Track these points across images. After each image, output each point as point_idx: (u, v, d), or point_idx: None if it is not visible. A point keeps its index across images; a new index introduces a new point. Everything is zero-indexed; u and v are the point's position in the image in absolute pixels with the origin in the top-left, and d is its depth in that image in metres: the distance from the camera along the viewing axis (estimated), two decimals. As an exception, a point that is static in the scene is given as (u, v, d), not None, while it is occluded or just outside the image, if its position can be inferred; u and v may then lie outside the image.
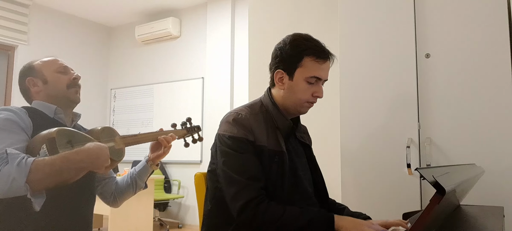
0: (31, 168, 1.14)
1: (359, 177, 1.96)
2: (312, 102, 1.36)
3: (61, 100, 1.48)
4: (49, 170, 1.16)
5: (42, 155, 1.21)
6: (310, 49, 1.31)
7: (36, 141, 1.27)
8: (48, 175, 1.16)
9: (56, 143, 1.22)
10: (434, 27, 1.85)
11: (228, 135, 1.28)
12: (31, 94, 1.48)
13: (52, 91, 1.47)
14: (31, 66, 1.49)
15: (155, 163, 1.65)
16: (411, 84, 1.86)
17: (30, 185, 1.13)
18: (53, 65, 1.50)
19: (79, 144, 1.28)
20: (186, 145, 1.78)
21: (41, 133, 1.28)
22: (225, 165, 1.26)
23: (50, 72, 1.48)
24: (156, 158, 1.63)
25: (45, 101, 1.45)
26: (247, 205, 1.20)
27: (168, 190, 5.71)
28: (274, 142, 1.30)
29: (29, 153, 1.24)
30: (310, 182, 1.43)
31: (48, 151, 1.21)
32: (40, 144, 1.24)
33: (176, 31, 5.95)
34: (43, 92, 1.46)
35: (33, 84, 1.47)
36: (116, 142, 1.44)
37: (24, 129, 1.30)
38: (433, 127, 1.81)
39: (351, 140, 1.99)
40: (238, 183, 1.22)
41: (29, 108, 1.40)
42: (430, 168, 1.33)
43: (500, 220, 1.26)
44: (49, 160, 1.18)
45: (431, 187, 0.94)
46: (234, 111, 1.33)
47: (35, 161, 1.16)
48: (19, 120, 1.31)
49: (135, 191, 1.66)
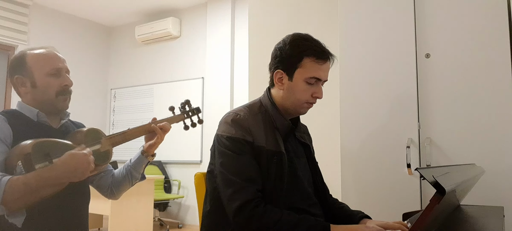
0: (6, 188, 1.10)
1: (359, 177, 1.96)
2: (311, 103, 1.35)
3: (48, 107, 1.40)
4: (24, 190, 1.12)
5: (18, 171, 1.16)
6: (310, 50, 1.30)
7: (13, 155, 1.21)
8: (23, 194, 1.12)
9: (31, 158, 1.16)
10: (434, 27, 1.85)
11: (226, 135, 1.27)
12: (20, 93, 1.40)
13: (39, 96, 1.38)
14: (22, 62, 1.39)
15: (150, 153, 1.57)
16: (411, 84, 1.86)
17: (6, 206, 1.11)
18: (46, 67, 1.39)
19: (59, 155, 1.21)
20: (185, 128, 1.68)
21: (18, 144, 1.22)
22: (222, 166, 1.26)
23: (41, 76, 1.38)
24: (149, 147, 1.55)
25: (30, 104, 1.39)
26: (243, 207, 1.19)
27: (168, 190, 5.71)
28: (273, 142, 1.30)
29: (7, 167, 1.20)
30: (310, 182, 1.42)
31: (23, 168, 1.16)
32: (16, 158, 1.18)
33: (176, 31, 5.95)
34: (30, 94, 1.38)
35: (21, 84, 1.38)
36: (102, 144, 1.39)
37: (3, 139, 1.24)
38: (433, 127, 1.81)
39: (351, 140, 1.99)
40: (235, 184, 1.22)
41: (10, 114, 1.34)
42: (430, 168, 1.33)
43: (500, 220, 1.26)
44: (23, 179, 1.13)
45: (431, 187, 0.94)
46: (233, 112, 1.33)
47: (9, 180, 1.12)
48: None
49: (131, 183, 1.60)
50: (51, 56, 1.42)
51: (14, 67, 1.39)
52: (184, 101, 1.67)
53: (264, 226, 1.18)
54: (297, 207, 1.30)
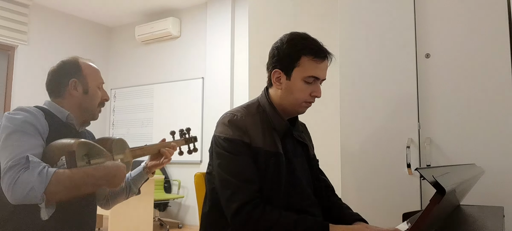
0: (52, 179, 1.14)
1: (359, 177, 1.96)
2: (310, 102, 1.35)
3: (87, 115, 1.48)
4: (68, 184, 1.17)
5: (60, 166, 1.21)
6: (307, 49, 1.29)
7: (54, 150, 1.26)
8: (67, 188, 1.17)
9: (75, 156, 1.22)
10: (434, 27, 1.84)
11: (223, 136, 1.27)
12: (65, 94, 1.45)
13: (86, 104, 1.46)
14: (78, 67, 1.46)
15: (151, 171, 1.65)
16: (411, 84, 1.86)
17: (47, 196, 1.13)
18: (97, 79, 1.50)
19: (95, 157, 1.30)
20: (180, 153, 1.80)
21: (59, 141, 1.27)
22: (220, 167, 1.25)
23: (93, 85, 1.48)
24: (153, 166, 1.64)
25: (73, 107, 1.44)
26: (241, 208, 1.19)
27: (168, 190, 5.71)
28: (270, 143, 1.29)
29: (45, 160, 1.23)
30: (309, 182, 1.42)
31: (66, 164, 1.21)
32: (59, 154, 1.24)
33: (176, 31, 5.95)
34: (77, 99, 1.45)
35: (75, 87, 1.45)
36: (125, 155, 1.48)
37: (41, 133, 1.29)
38: (433, 127, 1.81)
39: (351, 140, 1.99)
40: (232, 185, 1.21)
41: (44, 110, 1.38)
42: (430, 168, 1.33)
43: (500, 220, 1.26)
44: (70, 173, 1.18)
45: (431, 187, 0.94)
46: (230, 113, 1.32)
47: (56, 172, 1.16)
48: (37, 123, 1.29)
49: (127, 196, 1.66)
50: (98, 70, 1.54)
51: (69, 70, 1.46)
52: (185, 129, 1.82)
53: (262, 227, 1.18)
54: (296, 207, 1.29)
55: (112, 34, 6.80)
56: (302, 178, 1.38)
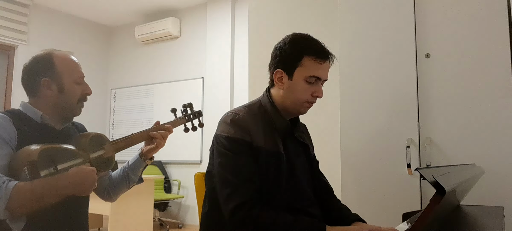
0: (12, 194, 1.10)
1: (359, 177, 1.96)
2: (311, 103, 1.35)
3: (66, 113, 1.40)
4: (30, 196, 1.12)
5: (23, 177, 1.16)
6: (309, 49, 1.30)
7: (18, 159, 1.20)
8: (29, 201, 1.13)
9: (37, 166, 1.16)
10: (434, 27, 1.85)
11: (225, 135, 1.27)
12: (40, 95, 1.37)
13: (63, 102, 1.38)
14: (51, 64, 1.36)
15: (148, 157, 1.56)
16: (411, 84, 1.86)
17: (10, 211, 1.10)
18: (74, 74, 1.39)
19: (64, 161, 1.23)
20: (185, 130, 1.69)
21: (24, 149, 1.21)
22: (220, 165, 1.25)
23: (69, 82, 1.38)
24: (148, 151, 1.54)
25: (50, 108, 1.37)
26: (239, 208, 1.19)
27: (168, 190, 5.71)
28: (271, 142, 1.30)
29: (11, 170, 1.19)
30: (309, 182, 1.42)
31: (28, 175, 1.16)
32: (22, 164, 1.18)
33: (176, 31, 5.95)
34: (52, 99, 1.37)
35: (48, 87, 1.36)
36: (105, 150, 1.39)
37: (8, 141, 1.23)
38: (433, 127, 1.81)
39: (351, 140, 1.99)
40: (232, 184, 1.21)
41: (14, 114, 1.31)
42: (430, 168, 1.33)
43: (500, 220, 1.26)
44: (30, 186, 1.13)
45: (431, 187, 0.94)
46: (232, 112, 1.32)
47: (15, 186, 1.11)
48: (2, 132, 1.23)
49: (129, 186, 1.59)
50: (77, 63, 1.43)
51: (41, 68, 1.36)
52: (186, 104, 1.68)
53: (259, 228, 1.18)
54: (295, 207, 1.29)
55: (112, 34, 6.80)
56: (303, 178, 1.38)
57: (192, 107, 1.71)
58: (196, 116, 1.71)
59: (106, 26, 6.76)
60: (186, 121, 1.68)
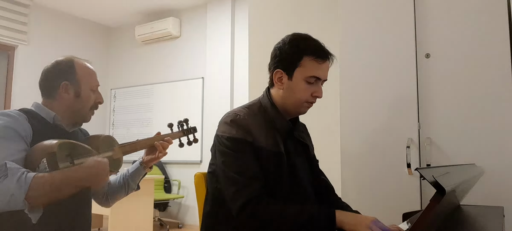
0: (31, 185, 1.12)
1: (359, 177, 1.96)
2: (311, 103, 1.36)
3: (78, 117, 1.44)
4: (48, 188, 1.15)
5: (42, 169, 1.19)
6: (309, 49, 1.30)
7: (36, 152, 1.24)
8: (47, 192, 1.16)
9: (56, 157, 1.20)
10: (434, 27, 1.85)
11: (226, 136, 1.27)
12: (56, 96, 1.41)
13: (77, 107, 1.43)
14: (72, 69, 1.42)
15: (148, 165, 1.63)
16: (411, 84, 1.86)
17: (29, 201, 1.12)
18: (92, 81, 1.46)
19: (79, 156, 1.27)
20: (180, 145, 1.77)
21: (41, 143, 1.24)
22: (224, 165, 1.26)
23: (86, 88, 1.44)
24: (150, 161, 1.61)
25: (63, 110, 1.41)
26: (247, 204, 1.19)
27: (168, 190, 5.71)
28: (272, 142, 1.30)
29: (28, 164, 1.22)
30: (309, 181, 1.42)
31: (48, 166, 1.19)
32: (40, 156, 1.21)
33: (176, 31, 5.95)
34: (68, 102, 1.41)
35: (66, 90, 1.41)
36: (114, 152, 1.45)
37: (24, 137, 1.26)
38: (433, 127, 1.81)
39: (351, 140, 1.99)
40: (238, 182, 1.22)
41: (29, 113, 1.35)
42: (430, 168, 1.33)
43: (500, 220, 1.26)
44: (49, 177, 1.16)
45: (431, 187, 0.94)
46: (233, 112, 1.33)
47: (34, 177, 1.14)
48: (19, 128, 1.26)
49: (127, 193, 1.64)
50: (94, 72, 1.50)
51: (62, 72, 1.42)
52: (183, 120, 1.77)
53: (268, 219, 1.19)
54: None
55: (112, 34, 6.80)
56: (303, 177, 1.38)
57: (188, 123, 1.79)
58: (191, 131, 1.80)
59: (106, 26, 6.76)
60: (182, 135, 1.76)
